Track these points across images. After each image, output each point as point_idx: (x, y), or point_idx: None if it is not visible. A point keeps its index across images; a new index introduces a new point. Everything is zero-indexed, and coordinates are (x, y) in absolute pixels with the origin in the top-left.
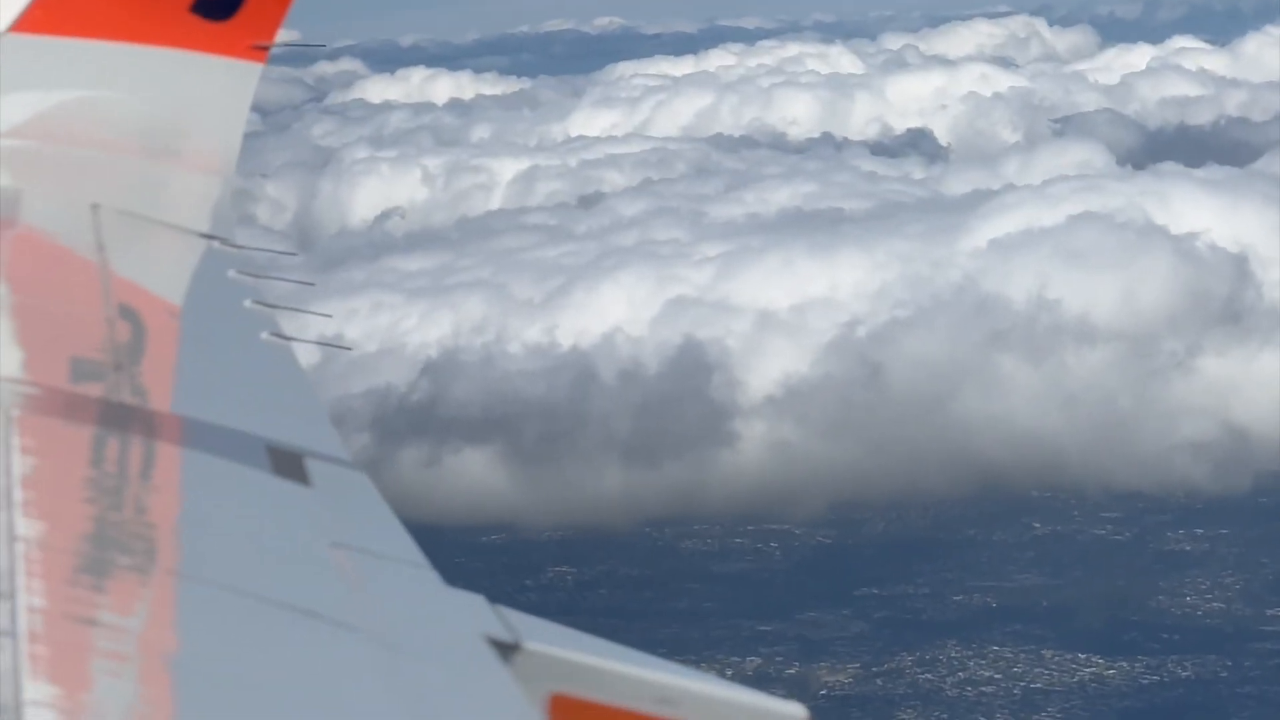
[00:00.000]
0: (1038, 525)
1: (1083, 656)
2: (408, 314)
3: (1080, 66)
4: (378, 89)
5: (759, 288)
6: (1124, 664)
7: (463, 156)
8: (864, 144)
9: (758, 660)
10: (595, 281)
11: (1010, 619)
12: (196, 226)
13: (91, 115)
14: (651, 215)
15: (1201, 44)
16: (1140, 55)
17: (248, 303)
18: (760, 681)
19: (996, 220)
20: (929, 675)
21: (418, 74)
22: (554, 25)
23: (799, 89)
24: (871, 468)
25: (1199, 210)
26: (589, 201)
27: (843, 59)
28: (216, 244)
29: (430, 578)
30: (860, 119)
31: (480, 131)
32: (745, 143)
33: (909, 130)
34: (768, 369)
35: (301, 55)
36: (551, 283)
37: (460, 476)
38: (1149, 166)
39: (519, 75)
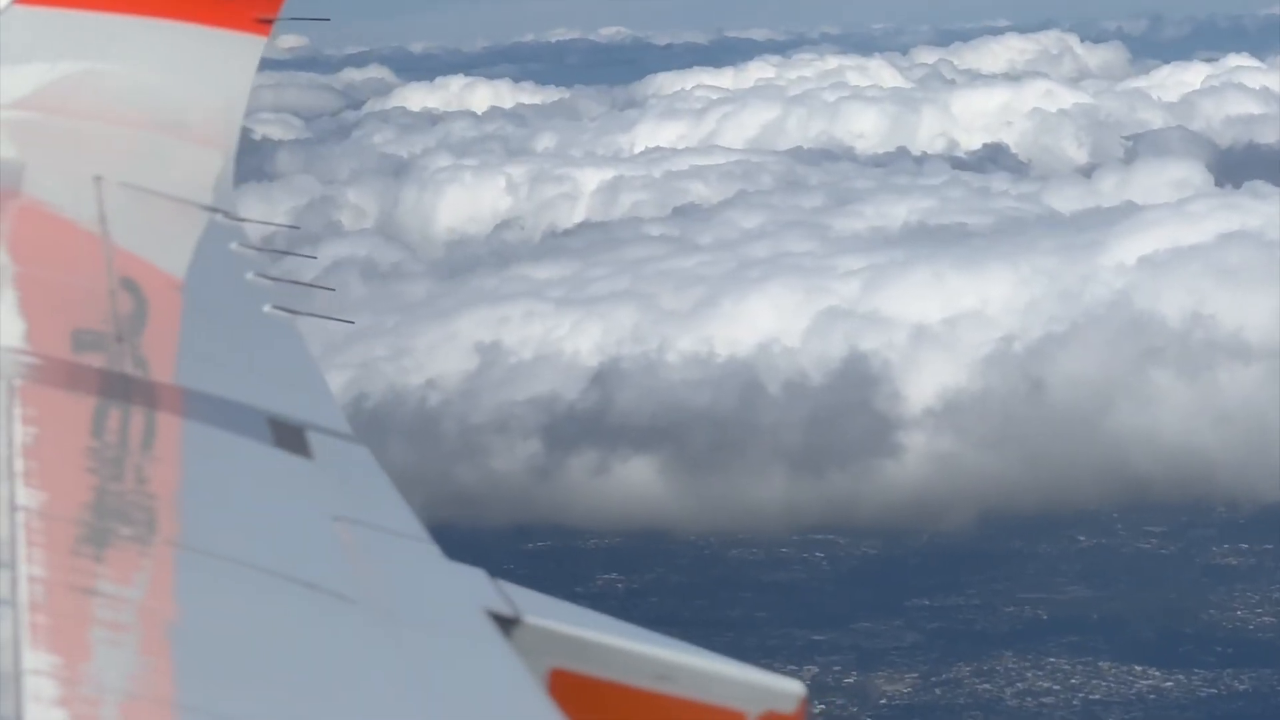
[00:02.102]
0: (1082, 538)
1: (1139, 668)
2: (559, 322)
3: (1137, 83)
4: (417, 96)
5: (908, 301)
6: (1181, 676)
7: (546, 166)
8: (943, 158)
9: (815, 669)
10: (742, 293)
11: (1064, 631)
12: (199, 199)
13: (94, 88)
14: (775, 228)
15: (1256, 63)
16: (1195, 73)
17: (250, 275)
18: (820, 690)
19: (1139, 237)
20: (987, 685)
21: (456, 81)
22: (560, 34)
23: (865, 103)
24: (1026, 481)
25: None
26: (683, 213)
27: (883, 72)
28: (219, 217)
29: (431, 551)
30: (926, 133)
31: (545, 141)
32: (825, 156)
33: (985, 145)
34: (926, 382)
35: (328, 62)
36: (693, 293)
37: (624, 484)
38: (1243, 185)
39: (552, 84)
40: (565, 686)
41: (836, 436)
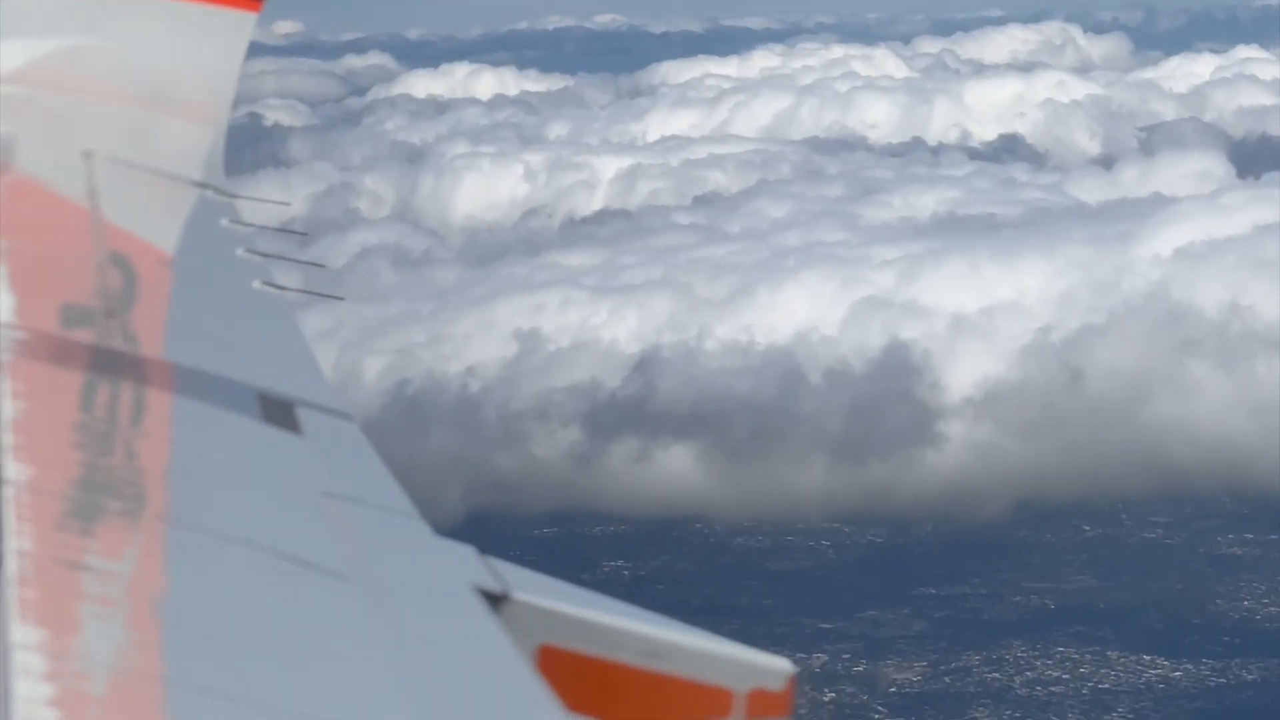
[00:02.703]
0: (1087, 528)
1: (1147, 658)
2: (595, 310)
3: (1147, 74)
4: (421, 83)
5: (945, 291)
6: (1189, 666)
7: (563, 153)
8: (958, 149)
9: (824, 657)
10: (778, 282)
11: (1071, 620)
12: (189, 175)
13: (86, 63)
14: (804, 217)
15: (1265, 54)
16: (1204, 64)
17: (240, 251)
18: (830, 678)
19: (1173, 228)
20: (997, 675)
21: (460, 69)
22: (555, 21)
23: (877, 93)
24: (1064, 471)
25: None
26: (705, 201)
27: (888, 61)
28: (210, 193)
29: (420, 528)
30: (939, 123)
31: (557, 129)
32: (841, 146)
33: (1000, 136)
34: (965, 372)
35: (325, 48)
36: (727, 281)
37: (663, 471)
38: (1261, 176)
39: (554, 72)
40: (554, 663)
41: (876, 425)
